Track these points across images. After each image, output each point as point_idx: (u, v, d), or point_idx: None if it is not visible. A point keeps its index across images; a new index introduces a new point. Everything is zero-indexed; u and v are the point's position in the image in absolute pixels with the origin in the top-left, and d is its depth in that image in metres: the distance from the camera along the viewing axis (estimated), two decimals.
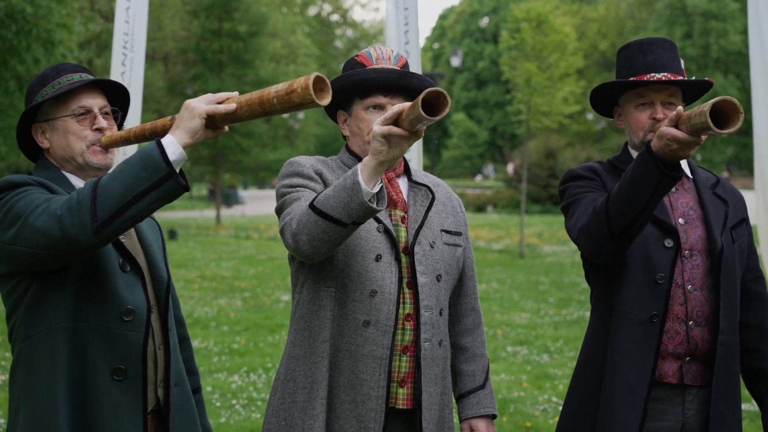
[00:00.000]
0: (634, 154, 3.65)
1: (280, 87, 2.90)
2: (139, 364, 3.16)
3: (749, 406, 7.90)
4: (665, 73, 3.55)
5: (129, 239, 3.31)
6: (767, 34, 7.42)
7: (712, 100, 2.90)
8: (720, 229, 3.57)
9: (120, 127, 3.45)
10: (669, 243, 3.48)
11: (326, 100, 2.93)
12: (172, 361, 3.33)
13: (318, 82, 2.93)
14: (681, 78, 3.58)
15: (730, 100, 2.89)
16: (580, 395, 3.56)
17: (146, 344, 3.17)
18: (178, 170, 2.87)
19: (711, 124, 2.89)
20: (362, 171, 3.07)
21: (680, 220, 3.56)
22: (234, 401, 8.53)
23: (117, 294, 3.13)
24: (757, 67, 7.55)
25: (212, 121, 2.95)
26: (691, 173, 3.71)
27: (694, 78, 3.60)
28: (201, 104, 2.93)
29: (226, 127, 3.02)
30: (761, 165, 7.60)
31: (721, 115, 2.93)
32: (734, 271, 3.57)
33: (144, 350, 3.16)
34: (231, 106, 2.94)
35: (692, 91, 3.67)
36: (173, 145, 2.86)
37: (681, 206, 3.60)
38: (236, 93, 2.99)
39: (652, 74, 3.55)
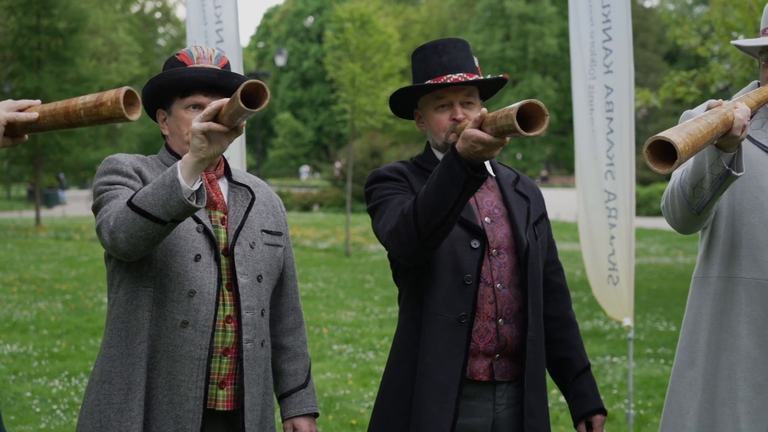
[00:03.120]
0: (438, 154, 3.68)
1: (87, 99, 2.85)
2: None
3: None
4: (461, 73, 3.59)
5: None
6: (586, 37, 7.66)
7: (519, 103, 2.95)
8: (524, 226, 3.63)
9: None
10: (476, 244, 3.52)
11: (136, 115, 2.90)
12: None
13: (128, 96, 2.89)
14: (478, 77, 3.63)
15: (536, 103, 2.96)
16: (392, 397, 3.58)
17: None
18: None
19: (518, 127, 2.94)
20: (182, 168, 3.05)
21: (486, 219, 3.60)
22: (54, 406, 8.32)
23: None
24: (578, 70, 7.79)
25: (12, 129, 2.87)
26: (494, 171, 3.75)
27: (489, 76, 3.64)
28: (1, 111, 2.84)
29: (26, 136, 2.94)
30: (581, 164, 7.84)
31: (527, 117, 2.99)
32: (539, 267, 3.66)
33: None
34: (33, 114, 2.86)
35: (489, 89, 3.71)
36: None
37: (486, 205, 3.64)
38: (38, 102, 2.92)
39: (449, 75, 3.58)
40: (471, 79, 3.60)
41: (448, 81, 3.57)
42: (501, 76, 3.67)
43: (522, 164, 66.10)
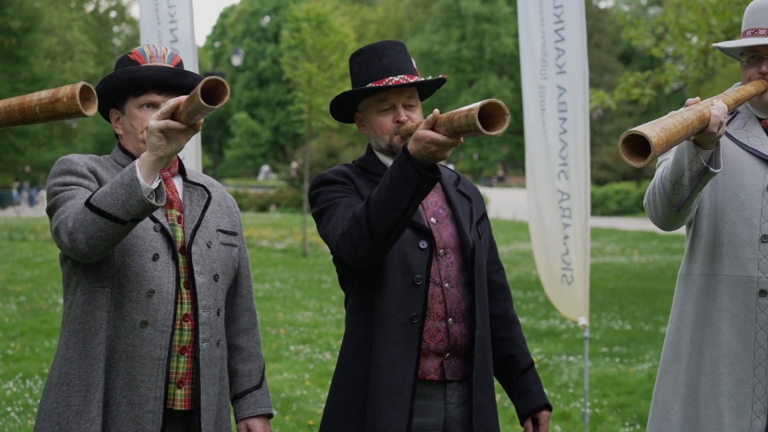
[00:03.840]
0: (381, 156, 3.69)
1: (42, 95, 2.83)
2: None
3: None
4: (402, 75, 3.60)
5: None
6: (537, 37, 7.69)
7: (479, 103, 2.96)
8: (468, 225, 3.66)
9: None
10: (423, 244, 3.54)
11: (92, 110, 2.88)
12: None
13: (84, 92, 2.87)
14: (418, 79, 3.65)
15: (497, 102, 2.97)
16: (344, 400, 3.58)
17: None
18: None
19: (479, 126, 2.95)
20: (140, 167, 3.04)
21: (432, 220, 3.62)
22: (9, 408, 8.25)
23: None
24: (528, 70, 7.83)
25: None
26: None
27: (431, 77, 3.66)
28: None
29: None
30: (532, 164, 7.88)
31: (487, 116, 3.00)
32: (484, 266, 3.69)
33: None
34: None
35: (427, 90, 3.73)
36: None
37: (431, 206, 3.66)
38: None
39: (391, 78, 3.59)
40: (413, 80, 3.61)
41: (391, 83, 3.58)
42: (440, 76, 3.68)
43: (479, 164, 66.39)
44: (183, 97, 3.00)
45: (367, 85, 3.61)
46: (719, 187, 3.84)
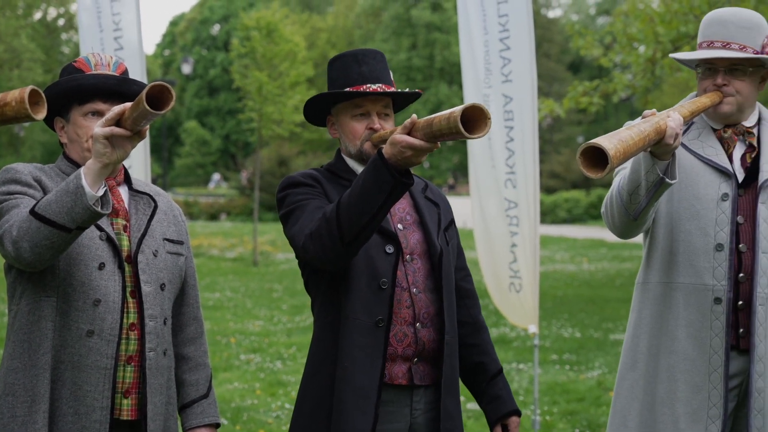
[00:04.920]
0: (350, 161, 3.71)
1: None
2: None
3: (475, 405, 8.20)
4: (380, 84, 3.63)
5: None
6: (479, 46, 7.70)
7: (461, 106, 2.99)
8: (436, 232, 3.69)
9: None
10: (390, 249, 3.56)
11: (41, 114, 2.86)
12: None
13: (33, 96, 2.85)
14: (395, 89, 3.68)
15: (478, 106, 3.01)
16: (310, 405, 3.58)
17: None
18: None
19: (462, 129, 2.97)
20: (86, 175, 3.04)
21: (399, 226, 3.64)
22: None
23: None
24: (470, 79, 7.83)
25: None
26: None
27: (408, 89, 3.70)
28: None
29: None
30: (476, 173, 7.87)
31: (468, 120, 3.03)
32: (451, 272, 3.71)
33: None
34: None
35: (401, 102, 3.77)
36: None
37: (398, 212, 3.68)
38: None
39: (368, 85, 3.62)
40: (390, 90, 3.65)
41: (369, 90, 3.61)
42: (417, 90, 3.72)
43: (429, 173, 66.50)
44: (128, 104, 3.00)
45: (345, 89, 3.63)
46: (675, 197, 3.92)
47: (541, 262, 21.91)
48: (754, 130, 4.03)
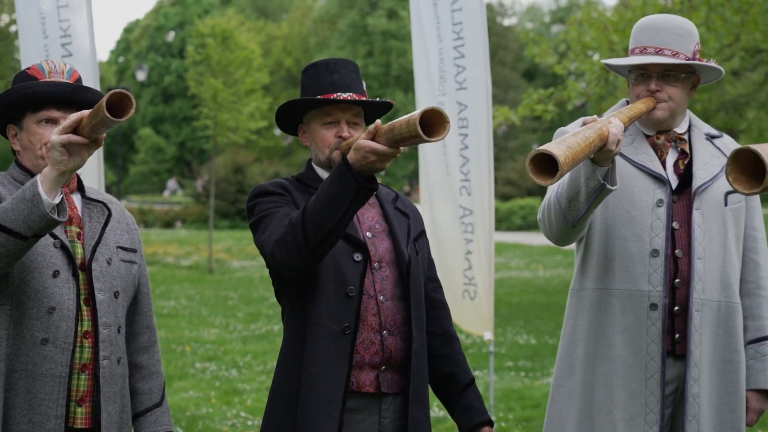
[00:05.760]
0: (320, 170, 3.73)
1: None
2: None
3: (435, 413, 8.21)
4: (351, 93, 3.65)
5: None
6: (433, 53, 7.71)
7: (420, 110, 3.02)
8: (405, 241, 3.71)
9: None
10: (358, 257, 3.58)
11: None
12: None
13: None
14: (366, 99, 3.71)
15: (437, 109, 3.03)
16: (280, 410, 3.59)
17: None
18: None
19: (421, 133, 2.99)
20: (42, 182, 3.03)
21: (368, 234, 3.66)
22: None
23: None
24: (423, 86, 7.83)
25: None
26: None
27: (378, 99, 3.73)
28: None
29: None
30: (428, 180, 7.86)
31: (428, 124, 3.05)
32: (420, 281, 3.73)
33: None
34: None
35: (374, 112, 3.78)
36: None
37: (367, 220, 3.70)
38: None
39: (339, 93, 3.64)
40: (360, 99, 3.67)
41: (339, 98, 3.62)
42: (388, 101, 3.74)
43: (386, 180, 66.60)
44: (85, 112, 3.00)
45: (316, 97, 3.65)
46: (610, 203, 3.93)
47: (497, 269, 22.03)
48: (686, 137, 4.06)
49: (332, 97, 3.64)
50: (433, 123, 3.05)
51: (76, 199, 3.51)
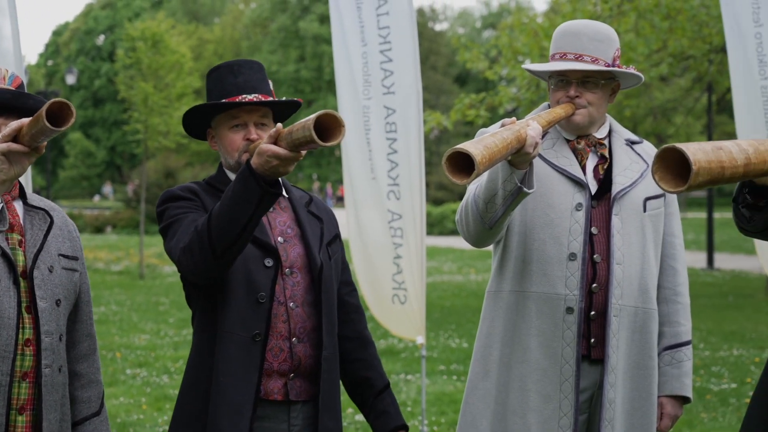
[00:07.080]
0: (230, 174, 3.70)
1: None
2: None
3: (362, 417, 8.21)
4: (256, 95, 3.64)
5: None
6: (357, 57, 7.67)
7: (315, 114, 3.02)
8: (318, 246, 3.69)
9: None
10: (269, 262, 3.56)
11: None
12: None
13: None
14: (272, 99, 3.69)
15: (332, 113, 3.04)
16: (187, 419, 3.58)
17: None
18: None
19: (315, 137, 3.00)
20: None
21: (279, 239, 3.64)
22: None
23: None
24: (346, 90, 7.77)
25: None
26: (286, 192, 3.80)
27: (285, 98, 3.71)
28: None
29: None
30: (353, 184, 7.79)
31: (325, 128, 3.06)
32: (332, 287, 3.72)
33: None
34: None
35: (283, 112, 3.77)
36: None
37: (279, 225, 3.68)
38: None
39: (244, 95, 3.62)
40: (266, 100, 3.65)
41: (244, 101, 3.60)
42: (295, 99, 3.72)
43: (319, 183, 66.41)
44: (25, 120, 2.98)
45: (220, 101, 3.62)
46: (529, 206, 3.95)
47: (429, 273, 22.08)
48: (606, 142, 4.11)
49: (237, 99, 3.62)
50: (329, 127, 3.06)
51: (18, 206, 3.49)
